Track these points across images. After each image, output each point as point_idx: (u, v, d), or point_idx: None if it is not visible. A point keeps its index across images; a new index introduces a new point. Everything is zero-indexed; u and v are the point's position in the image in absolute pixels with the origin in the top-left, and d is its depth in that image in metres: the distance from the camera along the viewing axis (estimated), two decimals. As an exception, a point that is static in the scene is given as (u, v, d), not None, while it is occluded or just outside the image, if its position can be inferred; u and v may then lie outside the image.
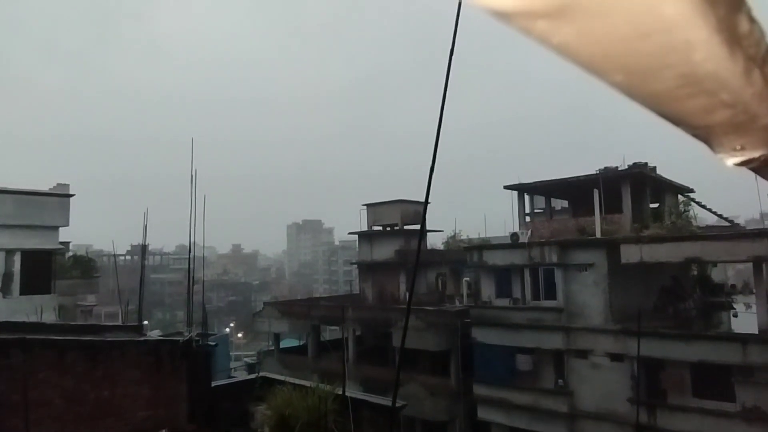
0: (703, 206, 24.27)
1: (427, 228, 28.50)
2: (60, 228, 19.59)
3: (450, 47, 3.53)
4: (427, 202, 6.18)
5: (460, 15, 3.46)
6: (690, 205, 24.55)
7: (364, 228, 31.02)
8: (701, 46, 0.47)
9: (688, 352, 16.72)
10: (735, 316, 19.66)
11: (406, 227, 29.43)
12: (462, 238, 33.57)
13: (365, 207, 31.12)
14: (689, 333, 17.36)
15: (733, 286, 24.87)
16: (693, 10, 0.44)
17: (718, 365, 16.17)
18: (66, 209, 19.35)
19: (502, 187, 24.86)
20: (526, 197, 25.66)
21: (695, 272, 23.29)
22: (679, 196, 25.25)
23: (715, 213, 24.41)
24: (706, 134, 0.74)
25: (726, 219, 24.44)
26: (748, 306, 20.91)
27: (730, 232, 20.66)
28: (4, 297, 16.90)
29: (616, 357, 18.26)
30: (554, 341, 19.59)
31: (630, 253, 18.01)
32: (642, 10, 0.43)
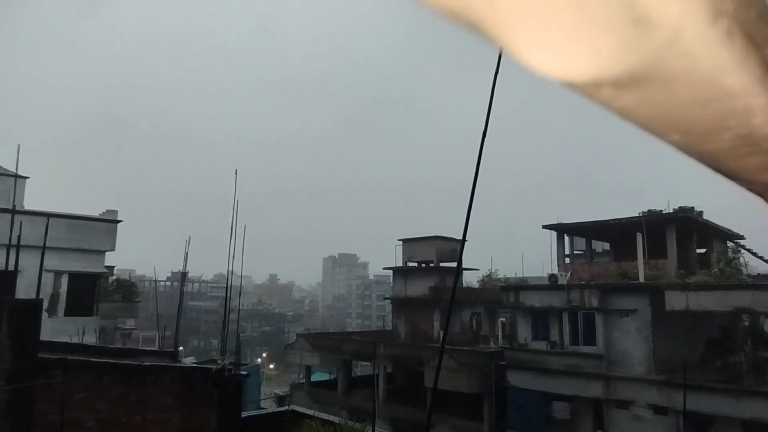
0: (755, 254, 23.21)
1: (463, 266, 28.20)
2: (106, 252, 20.32)
3: (489, 99, 3.57)
4: (464, 239, 6.14)
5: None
6: (740, 252, 23.54)
7: (399, 263, 30.93)
8: (760, 110, 0.47)
9: (738, 408, 15.76)
10: (791, 372, 18.48)
11: (441, 264, 29.19)
12: (498, 276, 33.09)
13: (401, 242, 31.12)
14: (740, 388, 16.38)
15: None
16: (752, 78, 0.45)
17: (772, 425, 15.15)
18: (113, 234, 20.10)
19: (541, 227, 24.48)
20: (566, 238, 25.14)
21: (746, 323, 22.13)
22: (728, 242, 24.25)
23: (766, 261, 23.29)
24: (761, 189, 0.74)
25: (779, 268, 23.28)
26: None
27: (784, 282, 19.61)
28: (49, 317, 17.47)
29: (659, 410, 17.35)
30: (593, 389, 18.80)
31: (675, 301, 17.32)
32: (703, 79, 0.44)
